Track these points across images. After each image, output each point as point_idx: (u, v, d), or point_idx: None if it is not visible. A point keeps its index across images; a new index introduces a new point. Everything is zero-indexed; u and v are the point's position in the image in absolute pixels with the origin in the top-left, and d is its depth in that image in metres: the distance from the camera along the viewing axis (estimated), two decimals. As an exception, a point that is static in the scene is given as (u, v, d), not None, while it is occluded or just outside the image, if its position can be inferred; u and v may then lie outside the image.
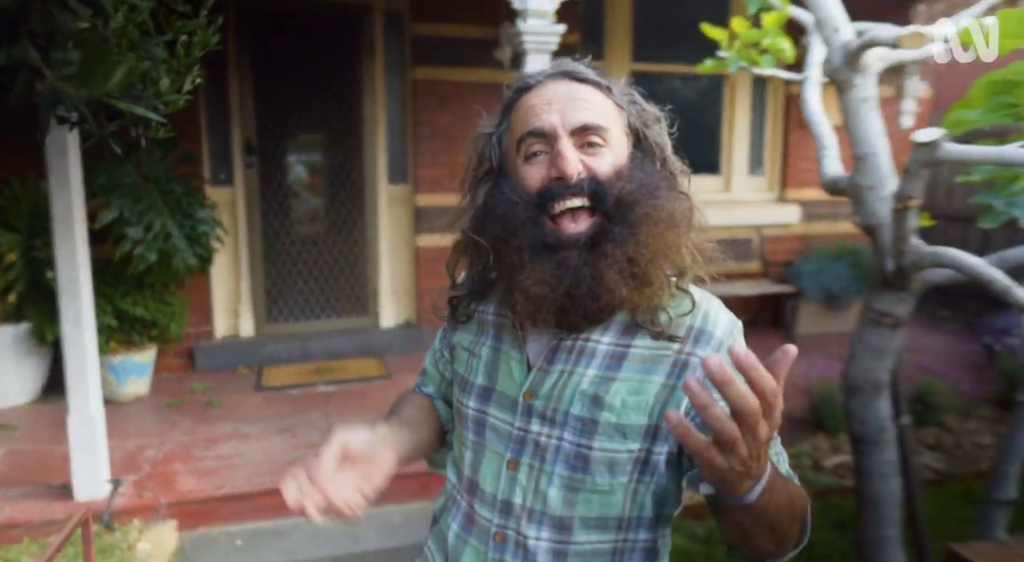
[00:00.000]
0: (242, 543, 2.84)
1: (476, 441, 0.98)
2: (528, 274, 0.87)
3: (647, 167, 0.92)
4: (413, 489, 3.15)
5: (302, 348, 4.65)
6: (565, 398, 0.91)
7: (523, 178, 0.90)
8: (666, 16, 5.19)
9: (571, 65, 0.95)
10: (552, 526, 0.92)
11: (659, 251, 0.86)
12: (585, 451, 0.90)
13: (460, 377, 1.02)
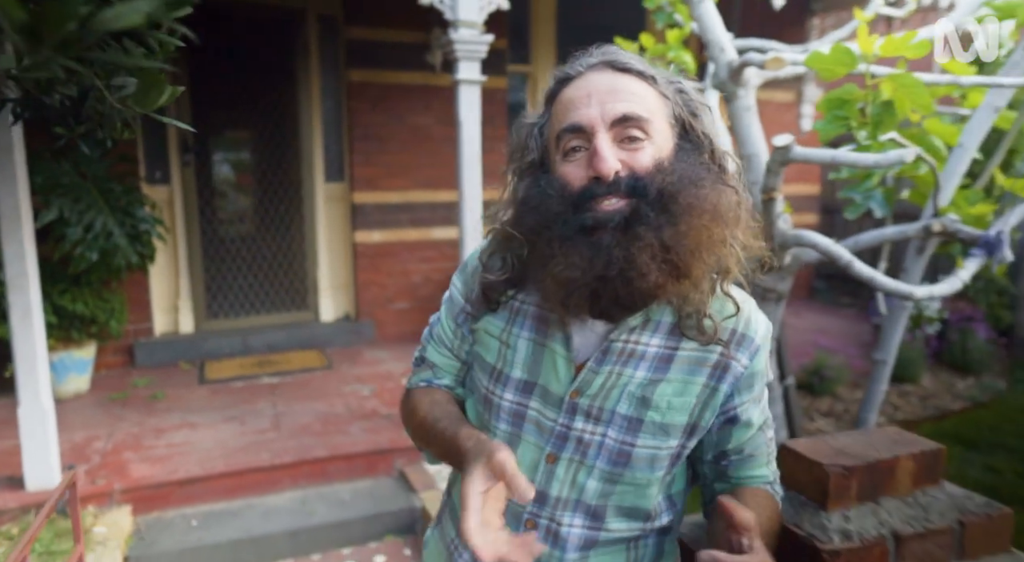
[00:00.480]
0: (197, 523, 2.99)
1: (511, 432, 0.96)
2: (560, 260, 0.84)
3: (692, 159, 0.87)
4: (361, 468, 3.37)
5: (243, 343, 4.75)
6: (612, 398, 0.91)
7: (562, 176, 0.87)
8: (588, 24, 5.53)
9: (613, 53, 0.91)
10: (586, 514, 0.94)
11: (700, 243, 0.83)
12: (628, 448, 0.91)
13: (489, 365, 0.99)
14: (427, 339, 1.11)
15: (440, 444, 0.97)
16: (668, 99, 0.89)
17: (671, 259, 0.82)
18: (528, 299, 0.97)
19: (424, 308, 5.29)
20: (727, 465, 0.98)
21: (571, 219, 0.84)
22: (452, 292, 1.08)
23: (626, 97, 0.86)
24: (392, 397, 4.02)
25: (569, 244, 0.84)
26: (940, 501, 1.10)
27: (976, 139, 1.99)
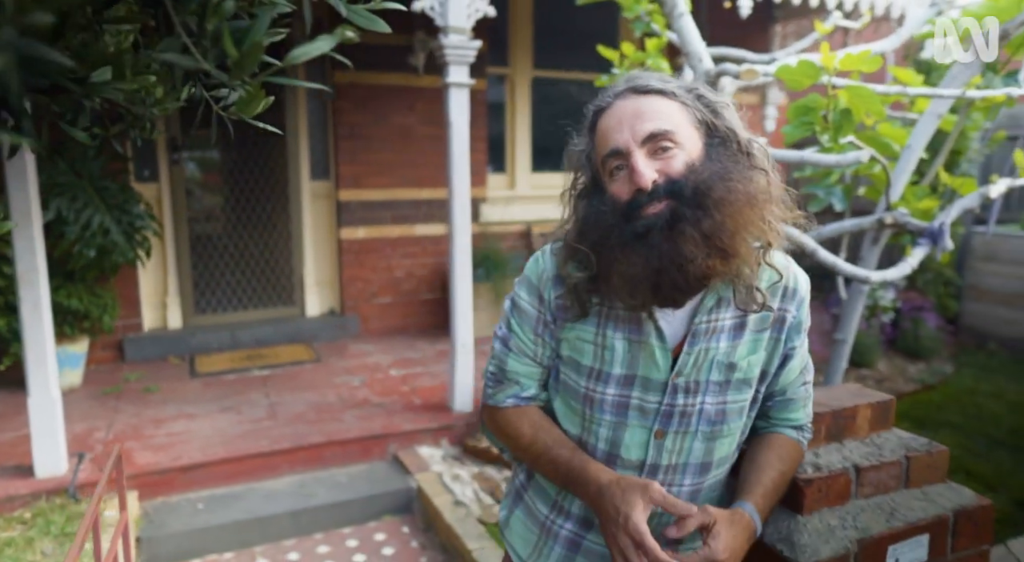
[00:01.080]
0: (203, 506, 3.12)
1: (616, 421, 1.10)
2: (622, 261, 0.99)
3: (721, 153, 1.01)
4: (356, 453, 3.52)
5: (231, 337, 4.86)
6: (704, 370, 1.07)
7: (612, 194, 1.03)
8: (563, 29, 5.75)
9: (635, 78, 1.05)
10: (694, 472, 1.11)
11: (740, 226, 0.97)
12: (722, 406, 1.09)
13: (586, 367, 1.10)
14: (503, 353, 1.18)
15: (559, 469, 1.12)
16: (689, 106, 1.02)
17: (715, 244, 0.96)
18: (614, 304, 1.08)
19: (407, 302, 5.45)
20: (771, 406, 1.17)
21: (625, 228, 0.99)
22: (522, 305, 1.16)
23: (651, 116, 1.00)
24: (382, 387, 4.18)
25: (627, 249, 0.98)
26: (891, 441, 1.33)
27: (922, 141, 2.25)
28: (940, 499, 1.29)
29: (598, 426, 1.11)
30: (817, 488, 1.20)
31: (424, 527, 3.17)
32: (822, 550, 1.14)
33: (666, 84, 1.04)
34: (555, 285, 1.12)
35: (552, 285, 1.12)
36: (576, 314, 1.10)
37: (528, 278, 1.16)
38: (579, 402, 1.13)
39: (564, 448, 1.13)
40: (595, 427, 1.12)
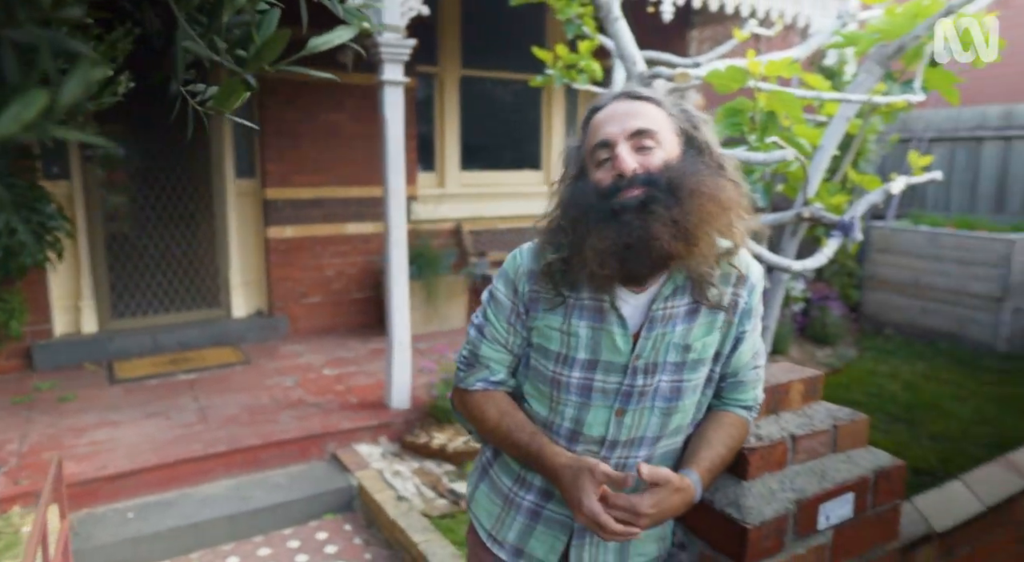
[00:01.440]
0: (134, 515, 3.00)
1: (580, 401, 1.18)
2: (595, 235, 1.08)
3: (694, 159, 1.12)
4: (293, 453, 3.48)
5: (153, 341, 4.67)
6: (661, 352, 1.15)
7: (595, 180, 1.12)
8: (491, 29, 5.82)
9: (630, 87, 1.18)
10: (648, 444, 1.21)
11: (705, 218, 1.06)
12: (678, 384, 1.18)
13: (553, 353, 1.18)
14: (478, 339, 1.27)
15: (520, 451, 1.21)
16: (674, 116, 1.15)
17: (680, 229, 1.06)
18: (581, 295, 1.16)
19: (338, 301, 5.39)
20: (724, 387, 1.27)
21: (601, 206, 1.09)
22: (498, 297, 1.25)
23: (640, 116, 1.12)
24: (317, 387, 4.13)
25: (601, 225, 1.08)
26: (820, 413, 1.47)
27: (834, 142, 2.45)
28: (862, 462, 1.44)
29: (564, 406, 1.20)
30: (760, 456, 1.32)
31: (366, 524, 3.17)
32: (766, 511, 1.26)
33: (656, 95, 1.16)
34: (529, 279, 1.20)
35: (526, 279, 1.21)
36: (548, 300, 1.18)
37: (506, 272, 1.25)
38: (547, 385, 1.21)
39: (523, 433, 1.21)
40: (561, 407, 1.20)
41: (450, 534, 2.85)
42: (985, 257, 5.41)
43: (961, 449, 3.76)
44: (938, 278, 5.74)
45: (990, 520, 1.91)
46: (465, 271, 5.46)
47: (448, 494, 3.22)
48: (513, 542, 1.30)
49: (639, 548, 1.27)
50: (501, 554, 1.31)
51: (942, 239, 5.70)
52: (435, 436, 3.62)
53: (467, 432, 1.37)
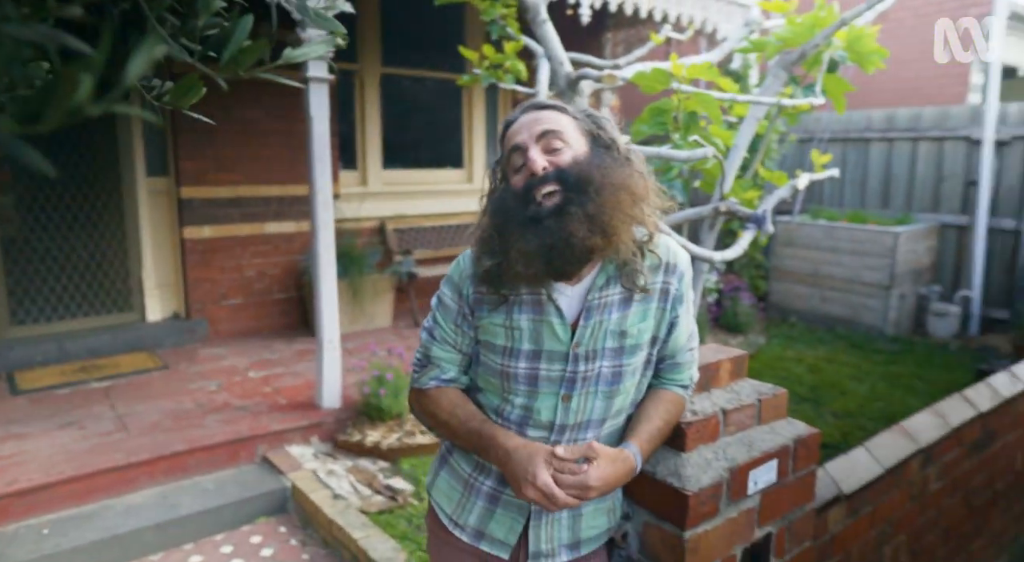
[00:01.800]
0: (50, 531, 2.85)
1: (529, 390, 1.26)
2: (520, 240, 1.15)
3: (603, 155, 1.21)
4: (222, 458, 3.40)
5: (59, 349, 4.41)
6: (599, 339, 1.24)
7: (513, 185, 1.21)
8: (411, 27, 5.82)
9: (538, 100, 1.29)
10: (595, 426, 1.29)
11: (616, 208, 1.15)
12: (618, 368, 1.26)
13: (500, 347, 1.27)
14: (428, 342, 1.34)
15: (471, 437, 1.27)
16: (579, 120, 1.25)
17: (597, 224, 1.14)
18: (520, 291, 1.24)
19: (260, 303, 5.26)
20: (662, 368, 1.36)
21: (522, 214, 1.17)
22: (445, 301, 1.32)
23: (546, 122, 1.22)
24: (243, 390, 4.04)
25: (524, 229, 1.16)
26: (746, 388, 1.61)
27: (746, 141, 2.63)
28: (783, 432, 1.58)
29: (514, 396, 1.28)
30: (695, 429, 1.43)
31: (302, 524, 3.14)
32: (703, 479, 1.37)
33: (560, 103, 1.27)
34: (472, 282, 1.28)
35: (470, 282, 1.28)
36: (493, 300, 1.26)
37: (451, 277, 1.32)
38: (497, 377, 1.29)
39: (475, 420, 1.29)
40: (511, 397, 1.28)
41: (390, 529, 2.87)
42: (875, 249, 5.88)
43: (860, 424, 4.10)
44: (835, 268, 6.19)
45: (887, 481, 2.13)
46: (390, 270, 5.44)
47: (385, 490, 3.23)
48: (474, 525, 1.36)
49: (590, 521, 1.35)
50: (463, 537, 1.38)
51: (837, 232, 6.15)
52: (369, 434, 3.62)
53: (428, 429, 1.42)
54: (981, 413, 2.58)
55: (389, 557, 2.65)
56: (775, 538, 1.55)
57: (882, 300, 5.90)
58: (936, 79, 7.78)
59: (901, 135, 6.53)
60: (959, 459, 2.52)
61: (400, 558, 2.64)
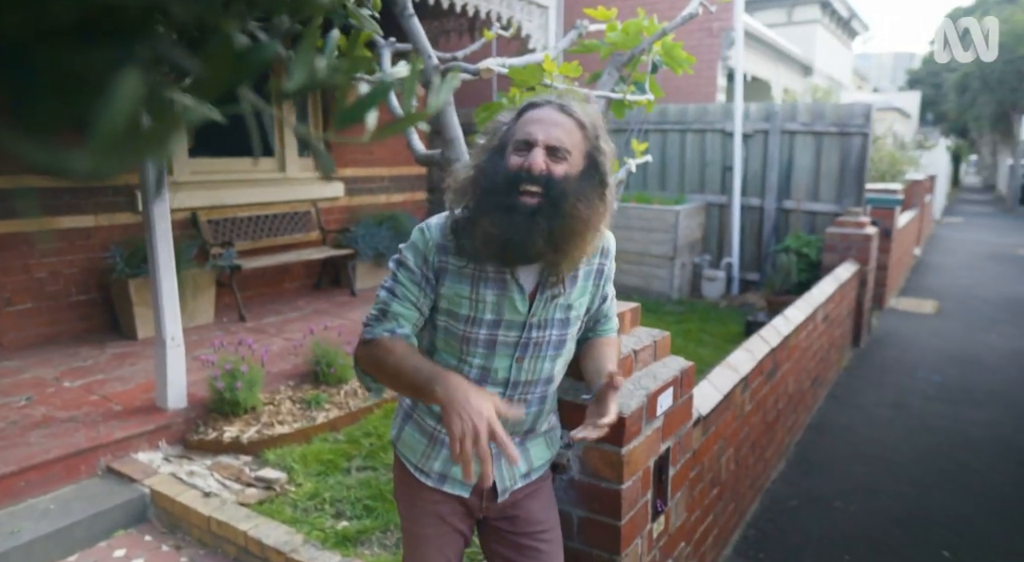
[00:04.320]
0: None
1: (486, 352, 1.44)
2: (490, 219, 1.30)
3: (588, 179, 1.35)
4: (59, 476, 3.08)
5: None
6: (550, 311, 1.45)
7: (509, 161, 1.34)
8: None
9: (568, 102, 1.39)
10: (544, 383, 1.50)
11: (574, 233, 1.32)
12: (564, 336, 1.49)
13: (463, 316, 1.42)
14: (389, 299, 1.43)
15: (422, 375, 1.28)
16: (588, 140, 1.37)
17: (553, 239, 1.31)
18: (487, 269, 1.40)
19: (55, 307, 4.68)
20: (598, 322, 1.62)
21: (503, 197, 1.31)
22: (408, 265, 1.43)
23: (563, 133, 1.34)
24: (63, 401, 3.64)
25: (497, 212, 1.30)
26: (642, 333, 1.96)
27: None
28: (673, 365, 1.97)
29: (472, 357, 1.45)
30: (620, 367, 1.75)
31: (169, 529, 2.98)
32: (632, 404, 1.70)
33: (584, 117, 1.39)
34: (439, 251, 1.41)
35: (436, 251, 1.41)
36: (456, 270, 1.40)
37: (415, 244, 1.44)
38: (457, 341, 1.45)
39: (428, 364, 1.34)
40: (470, 358, 1.45)
41: (278, 515, 2.86)
42: (660, 225, 6.80)
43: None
44: (628, 244, 7.04)
45: (723, 405, 2.66)
46: (211, 264, 5.15)
47: (257, 482, 3.17)
48: (438, 470, 1.54)
49: (539, 454, 1.60)
50: (427, 482, 1.55)
51: (629, 211, 6.99)
52: (226, 430, 3.50)
53: (367, 389, 1.49)
54: (772, 348, 3.27)
55: (285, 540, 2.66)
56: (671, 451, 1.94)
57: (668, 269, 6.85)
58: (693, 80, 9.09)
59: (672, 127, 7.57)
60: (760, 386, 3.18)
61: (297, 540, 2.67)
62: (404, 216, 6.71)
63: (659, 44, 3.15)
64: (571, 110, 1.38)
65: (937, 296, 8.27)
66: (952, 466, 3.87)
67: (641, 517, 1.79)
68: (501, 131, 1.42)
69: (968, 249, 12.49)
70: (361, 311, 5.67)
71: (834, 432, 4.27)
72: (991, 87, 22.58)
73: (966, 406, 4.78)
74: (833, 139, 6.81)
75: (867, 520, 3.27)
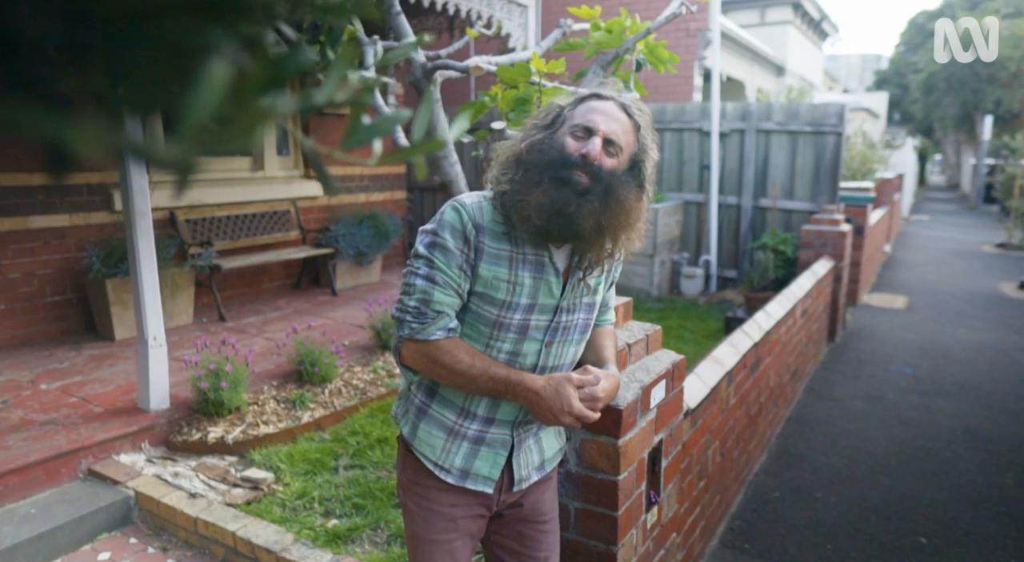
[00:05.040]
0: None
1: (518, 337, 1.44)
2: (543, 190, 1.34)
3: (630, 179, 1.40)
4: (40, 480, 3.03)
5: None
6: (578, 294, 1.48)
7: (565, 143, 1.38)
8: None
9: (632, 101, 1.44)
10: (566, 368, 1.53)
11: (617, 224, 1.37)
12: (589, 320, 1.53)
13: (499, 300, 1.41)
14: (430, 288, 1.39)
15: (497, 382, 1.40)
16: (638, 143, 1.42)
17: (599, 222, 1.35)
18: (524, 250, 1.42)
19: (29, 308, 4.59)
20: (598, 312, 1.63)
21: (557, 171, 1.35)
22: (447, 246, 1.39)
23: (620, 128, 1.39)
24: (41, 404, 3.57)
25: (552, 184, 1.34)
26: (635, 327, 1.99)
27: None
28: (665, 358, 2.00)
29: (502, 343, 1.44)
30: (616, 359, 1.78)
31: (155, 532, 2.95)
32: (627, 396, 1.72)
33: (642, 120, 1.44)
34: (478, 231, 1.39)
35: (476, 232, 1.39)
36: (494, 251, 1.40)
37: (451, 223, 1.40)
38: (487, 326, 1.43)
39: (500, 367, 1.42)
40: (498, 343, 1.44)
41: (267, 515, 2.84)
42: (639, 223, 6.86)
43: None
44: (608, 242, 7.08)
45: (710, 398, 2.70)
46: (190, 263, 5.08)
47: (243, 482, 3.15)
48: (459, 466, 1.50)
49: (549, 443, 1.61)
50: (448, 479, 1.50)
51: (608, 210, 7.04)
52: (210, 430, 3.46)
53: (408, 383, 1.53)
54: (755, 342, 3.33)
55: (275, 539, 2.65)
56: (664, 443, 1.97)
57: (648, 267, 6.92)
58: (670, 80, 9.18)
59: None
60: (744, 379, 3.23)
61: (287, 539, 2.66)
62: (384, 215, 6.69)
63: (643, 43, 3.18)
64: (631, 111, 1.42)
65: (907, 291, 8.47)
66: (925, 455, 3.98)
67: (636, 508, 1.82)
68: (555, 112, 1.43)
69: (936, 246, 12.80)
70: (343, 311, 5.65)
71: (813, 424, 4.36)
72: (955, 88, 23.14)
73: (937, 397, 4.91)
74: (808, 138, 6.93)
75: (847, 509, 3.35)
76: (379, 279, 6.89)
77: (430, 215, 8.37)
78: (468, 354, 1.41)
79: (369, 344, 4.78)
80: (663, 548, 2.07)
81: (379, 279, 6.89)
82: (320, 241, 6.38)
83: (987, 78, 21.91)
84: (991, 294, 8.50)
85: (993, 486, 3.63)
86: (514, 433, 1.51)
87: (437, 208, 7.09)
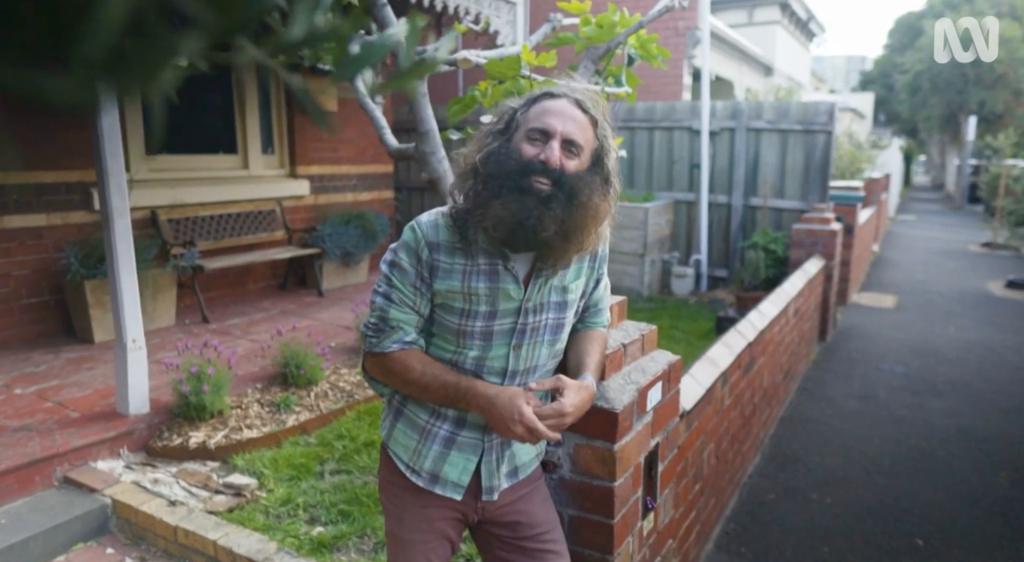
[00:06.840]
0: None
1: (484, 343, 1.41)
2: (501, 202, 1.29)
3: (594, 177, 1.36)
4: (11, 488, 2.92)
5: None
6: (545, 294, 1.42)
7: (522, 149, 1.33)
8: None
9: (587, 98, 1.38)
10: (540, 370, 1.47)
11: (582, 225, 1.32)
12: (561, 320, 1.46)
13: (457, 310, 1.39)
14: (386, 306, 1.40)
15: (448, 390, 1.37)
16: (598, 140, 1.38)
17: (563, 230, 1.31)
18: (477, 261, 1.38)
19: (5, 310, 4.47)
20: (588, 314, 1.58)
21: (516, 180, 1.30)
22: (402, 265, 1.40)
23: (577, 129, 1.34)
24: (14, 409, 3.45)
25: (511, 195, 1.29)
26: (630, 327, 1.92)
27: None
28: (660, 359, 1.93)
29: (469, 349, 1.42)
30: (610, 361, 1.71)
31: (133, 541, 2.85)
32: (623, 399, 1.65)
33: (599, 116, 1.39)
34: (430, 249, 1.38)
35: (428, 249, 1.38)
36: (447, 267, 1.38)
37: (407, 243, 1.41)
38: (453, 335, 1.43)
39: (450, 375, 1.40)
40: (465, 350, 1.43)
41: (249, 523, 2.75)
42: (630, 222, 6.81)
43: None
44: (598, 241, 7.03)
45: (705, 400, 2.64)
46: (172, 264, 4.96)
47: (226, 489, 3.05)
48: (429, 470, 1.48)
49: (521, 450, 1.54)
50: (419, 482, 1.49)
51: (598, 210, 6.98)
52: (191, 435, 3.36)
53: (379, 394, 1.52)
54: (750, 342, 3.28)
55: (258, 549, 2.56)
56: (660, 446, 1.90)
57: (638, 266, 6.87)
58: (659, 78, 9.14)
59: (640, 125, 7.59)
60: (738, 380, 3.18)
61: (270, 548, 2.57)
62: (372, 214, 6.59)
63: (634, 38, 3.12)
64: (587, 106, 1.37)
65: (896, 291, 8.47)
66: (919, 454, 3.94)
67: (632, 515, 1.75)
68: (508, 116, 1.39)
69: (922, 245, 12.85)
70: (329, 312, 5.55)
71: (806, 424, 4.32)
72: (940, 89, 23.30)
73: (929, 396, 4.88)
74: (798, 137, 6.91)
75: (842, 511, 3.30)
76: (366, 279, 6.79)
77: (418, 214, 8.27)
78: (420, 363, 1.40)
79: (356, 345, 4.68)
80: (659, 555, 2.00)
81: (366, 279, 6.79)
82: (306, 241, 6.28)
83: (973, 79, 22.09)
84: (979, 293, 8.52)
85: (988, 485, 3.59)
86: (485, 438, 1.47)
87: (425, 207, 7.00)
